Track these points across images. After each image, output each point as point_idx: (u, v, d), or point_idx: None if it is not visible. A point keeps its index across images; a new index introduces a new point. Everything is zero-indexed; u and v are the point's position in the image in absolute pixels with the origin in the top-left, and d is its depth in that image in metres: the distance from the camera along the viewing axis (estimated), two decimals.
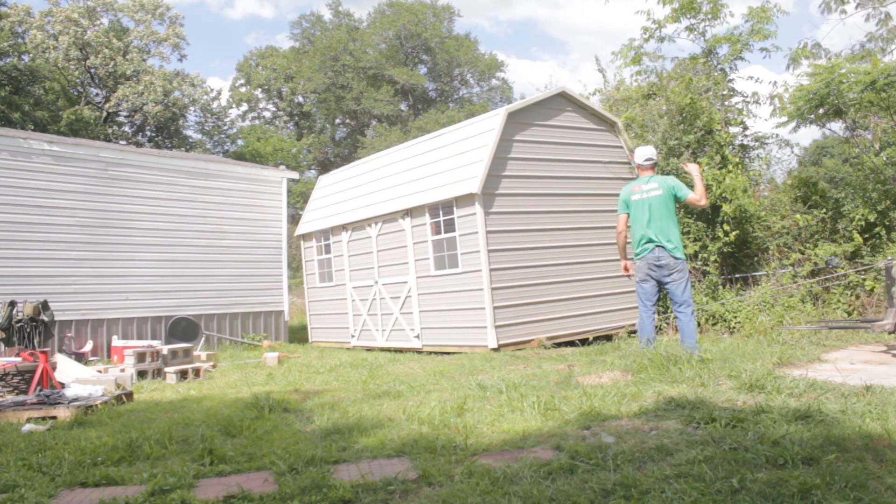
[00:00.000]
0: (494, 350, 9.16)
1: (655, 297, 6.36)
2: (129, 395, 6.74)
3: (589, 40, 75.32)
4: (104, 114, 31.48)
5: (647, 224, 6.24)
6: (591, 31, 74.96)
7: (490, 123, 9.87)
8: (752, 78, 16.30)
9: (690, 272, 10.50)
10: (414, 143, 11.85)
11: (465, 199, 9.60)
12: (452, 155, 10.25)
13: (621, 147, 11.16)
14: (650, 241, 6.24)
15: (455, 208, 9.82)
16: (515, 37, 75.28)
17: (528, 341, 9.48)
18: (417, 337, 10.57)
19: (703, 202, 6.19)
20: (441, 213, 10.12)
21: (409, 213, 10.72)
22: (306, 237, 13.70)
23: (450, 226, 9.97)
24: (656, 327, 6.76)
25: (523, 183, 9.95)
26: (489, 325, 9.27)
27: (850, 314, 9.38)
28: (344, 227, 12.38)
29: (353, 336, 12.15)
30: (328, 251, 12.94)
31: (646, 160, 6.46)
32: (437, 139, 11.01)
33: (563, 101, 10.64)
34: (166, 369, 8.63)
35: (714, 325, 10.16)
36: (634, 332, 9.76)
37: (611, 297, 10.55)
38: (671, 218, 6.23)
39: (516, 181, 9.88)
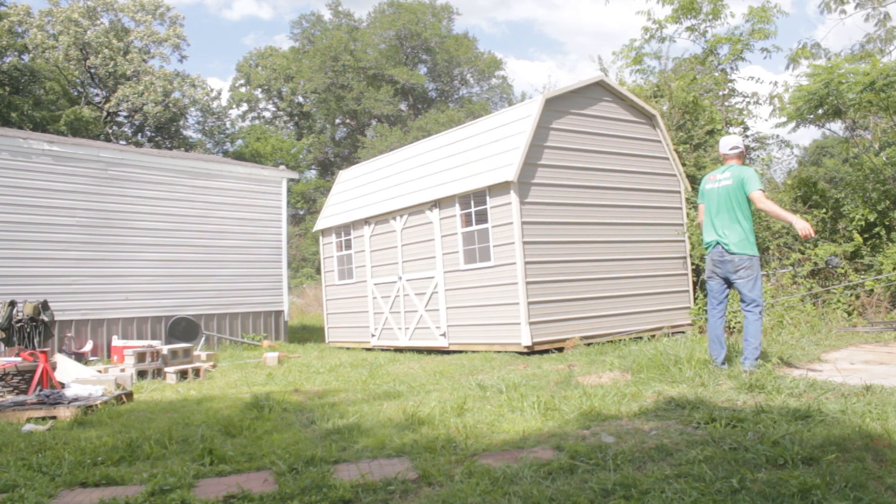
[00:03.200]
0: (528, 348, 8.72)
1: (722, 295, 5.91)
2: (129, 395, 6.74)
3: (586, 41, 75.35)
4: (104, 114, 31.48)
5: (714, 217, 5.84)
6: (589, 32, 74.99)
7: (527, 110, 9.44)
8: (752, 78, 16.33)
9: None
10: (442, 134, 11.43)
11: (500, 188, 9.15)
12: (486, 143, 9.81)
13: (659, 141, 10.76)
14: (715, 235, 5.83)
15: (488, 198, 9.36)
16: (513, 37, 75.28)
17: (563, 340, 9.04)
18: (444, 335, 10.11)
19: (760, 205, 5.65)
20: (472, 203, 9.65)
21: (437, 204, 10.26)
22: (325, 232, 13.17)
23: (482, 217, 9.49)
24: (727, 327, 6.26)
25: (560, 173, 9.52)
26: (523, 321, 8.78)
27: (850, 314, 9.38)
28: (366, 221, 11.85)
29: (373, 335, 11.64)
30: (348, 247, 12.42)
31: (731, 149, 5.95)
32: (469, 128, 10.61)
33: (600, 90, 10.21)
34: (166, 369, 8.63)
35: None
36: (673, 333, 9.53)
37: (649, 297, 10.18)
38: (738, 211, 5.70)
39: (553, 171, 9.44)
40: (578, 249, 9.59)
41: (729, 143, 5.97)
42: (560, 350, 8.93)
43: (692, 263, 10.73)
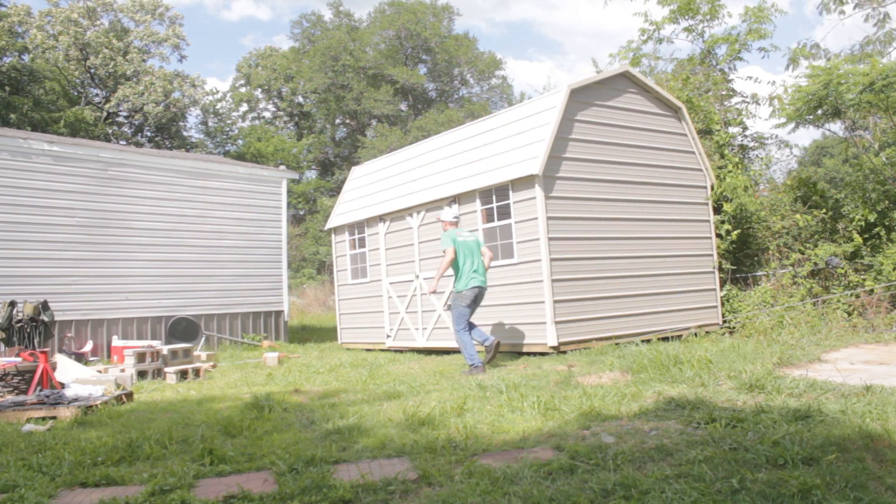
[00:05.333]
0: (554, 348, 8.44)
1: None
2: (129, 395, 6.74)
3: (585, 41, 75.39)
4: (104, 114, 31.49)
5: (476, 262, 7.86)
6: (587, 33, 75.01)
7: (551, 101, 9.12)
8: (750, 78, 16.30)
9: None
10: (461, 127, 11.07)
11: (524, 182, 8.78)
12: (508, 136, 9.47)
13: (685, 135, 10.42)
14: (480, 276, 7.83)
15: (511, 192, 8.98)
16: (512, 38, 75.25)
17: (588, 340, 8.76)
18: None
19: (488, 257, 8.11)
20: (494, 198, 9.27)
21: (456, 199, 9.89)
22: (337, 230, 12.72)
23: (504, 212, 9.12)
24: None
25: (585, 167, 9.18)
26: (549, 320, 8.44)
27: (850, 314, 9.39)
28: (381, 218, 11.46)
29: (388, 336, 11.28)
30: (362, 245, 12.00)
31: (455, 217, 8.18)
32: (489, 121, 10.29)
33: (626, 81, 9.87)
34: (166, 369, 8.63)
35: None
36: (695, 333, 9.35)
37: (677, 296, 9.85)
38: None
39: (578, 164, 9.09)
40: (606, 246, 9.27)
41: (453, 213, 8.25)
42: (563, 353, 8.86)
43: (723, 263, 10.54)
